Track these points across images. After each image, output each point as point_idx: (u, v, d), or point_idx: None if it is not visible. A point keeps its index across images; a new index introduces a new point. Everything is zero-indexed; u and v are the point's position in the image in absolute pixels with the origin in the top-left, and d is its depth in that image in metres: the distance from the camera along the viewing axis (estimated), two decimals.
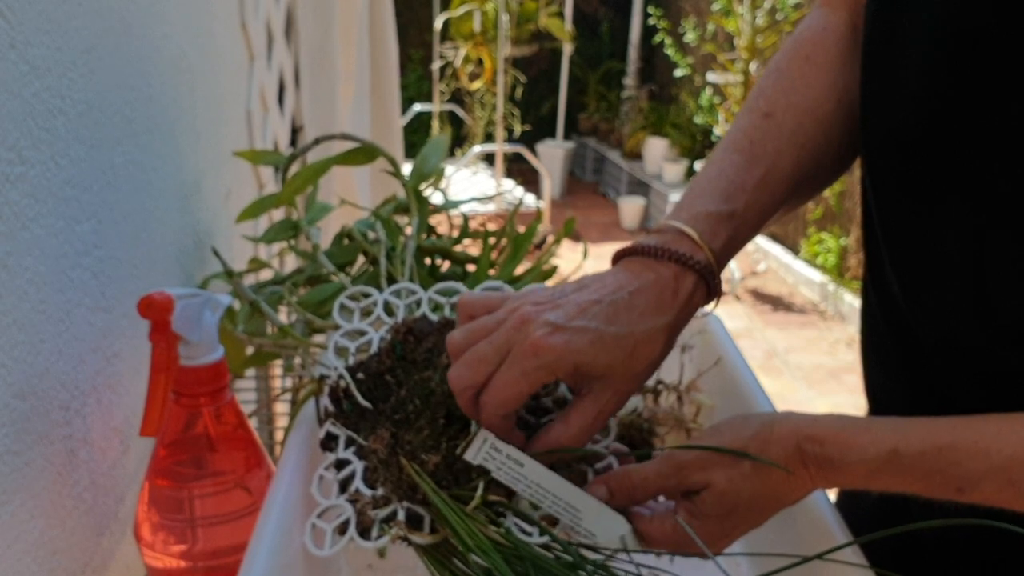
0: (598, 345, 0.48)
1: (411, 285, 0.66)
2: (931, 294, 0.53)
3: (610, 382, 0.50)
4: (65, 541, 0.59)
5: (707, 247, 0.52)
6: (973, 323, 0.50)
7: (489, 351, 0.49)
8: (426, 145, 0.87)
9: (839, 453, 0.47)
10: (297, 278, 0.78)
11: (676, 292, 0.51)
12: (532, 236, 0.81)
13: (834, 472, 0.48)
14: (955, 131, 0.49)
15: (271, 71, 1.35)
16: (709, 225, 0.53)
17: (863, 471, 0.47)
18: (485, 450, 0.50)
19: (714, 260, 0.52)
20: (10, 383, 0.51)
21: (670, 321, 0.51)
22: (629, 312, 0.49)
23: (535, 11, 4.88)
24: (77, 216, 0.60)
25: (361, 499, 0.53)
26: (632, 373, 0.50)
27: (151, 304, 0.57)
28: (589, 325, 0.48)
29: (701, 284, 0.52)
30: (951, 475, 0.45)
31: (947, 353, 0.54)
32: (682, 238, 0.52)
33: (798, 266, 4.07)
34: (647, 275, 0.51)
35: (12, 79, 0.51)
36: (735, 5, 3.95)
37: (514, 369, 0.48)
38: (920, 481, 0.46)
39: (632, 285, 0.50)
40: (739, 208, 0.54)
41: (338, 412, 0.59)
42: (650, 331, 0.50)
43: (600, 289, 0.50)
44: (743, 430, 0.49)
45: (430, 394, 0.57)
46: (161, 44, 0.80)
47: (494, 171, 4.56)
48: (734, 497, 0.49)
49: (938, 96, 0.50)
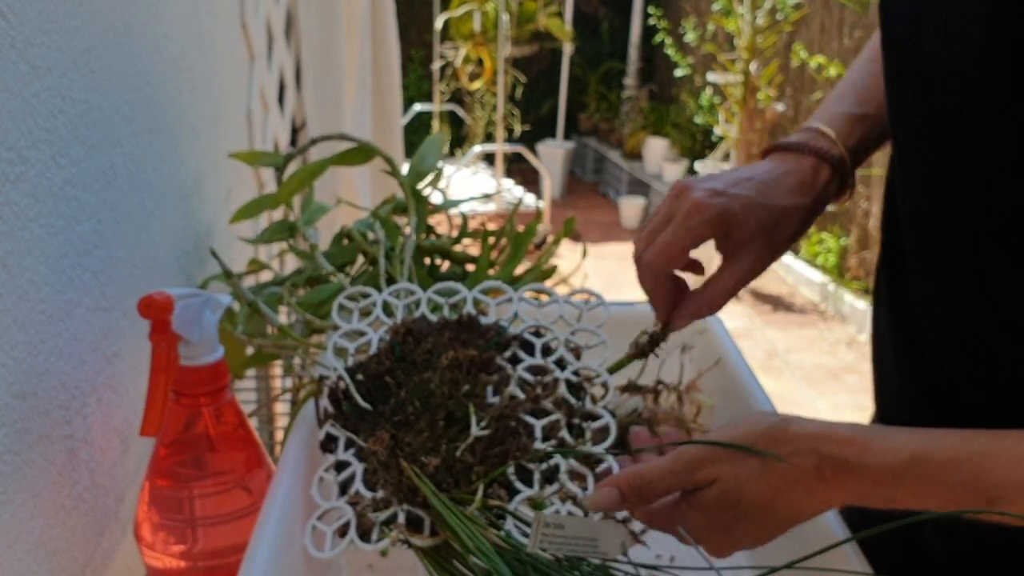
0: (749, 209, 0.56)
1: (410, 286, 0.66)
2: (952, 302, 0.53)
3: (753, 248, 0.57)
4: (65, 541, 0.59)
5: (842, 144, 0.60)
6: (993, 334, 0.50)
7: (655, 222, 0.58)
8: (423, 144, 0.87)
9: (857, 455, 0.46)
10: (296, 279, 0.78)
11: (815, 180, 0.59)
12: (532, 236, 0.81)
13: (852, 476, 0.46)
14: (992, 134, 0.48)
15: (271, 71, 1.35)
16: (845, 125, 0.61)
17: (883, 476, 0.45)
18: (541, 532, 0.49)
19: (848, 156, 0.60)
20: (10, 383, 0.51)
21: (808, 203, 0.59)
22: (776, 188, 0.58)
23: (535, 11, 4.88)
24: (77, 216, 0.60)
25: (361, 501, 0.53)
26: (774, 242, 0.57)
27: (151, 304, 0.57)
28: (743, 192, 0.56)
29: (835, 176, 0.60)
30: (982, 484, 0.44)
31: (962, 362, 0.53)
32: (821, 136, 0.60)
33: (798, 266, 4.07)
34: (791, 164, 0.59)
35: (12, 79, 0.51)
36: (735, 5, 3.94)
37: (678, 226, 0.56)
38: (944, 490, 0.45)
39: (780, 170, 0.59)
40: (871, 111, 0.61)
41: (338, 413, 0.59)
42: (792, 207, 0.58)
43: (752, 170, 0.59)
44: (756, 426, 0.49)
45: (430, 396, 0.57)
46: (161, 44, 0.80)
47: (494, 171, 4.56)
48: (737, 493, 0.49)
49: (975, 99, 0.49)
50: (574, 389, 0.58)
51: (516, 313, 0.63)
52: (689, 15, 5.05)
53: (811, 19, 4.09)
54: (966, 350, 0.53)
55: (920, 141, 0.53)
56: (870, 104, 0.61)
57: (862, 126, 0.61)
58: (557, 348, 0.60)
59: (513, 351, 0.60)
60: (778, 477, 0.48)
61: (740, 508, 0.49)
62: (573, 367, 0.59)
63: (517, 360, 0.60)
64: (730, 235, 0.57)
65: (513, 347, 0.60)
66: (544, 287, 0.64)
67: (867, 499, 0.47)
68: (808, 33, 4.13)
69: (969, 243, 0.50)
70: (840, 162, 0.60)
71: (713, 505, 0.49)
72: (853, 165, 0.61)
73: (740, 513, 0.49)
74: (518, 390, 0.57)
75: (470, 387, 0.57)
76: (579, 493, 0.53)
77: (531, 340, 0.61)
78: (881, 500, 0.46)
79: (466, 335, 0.61)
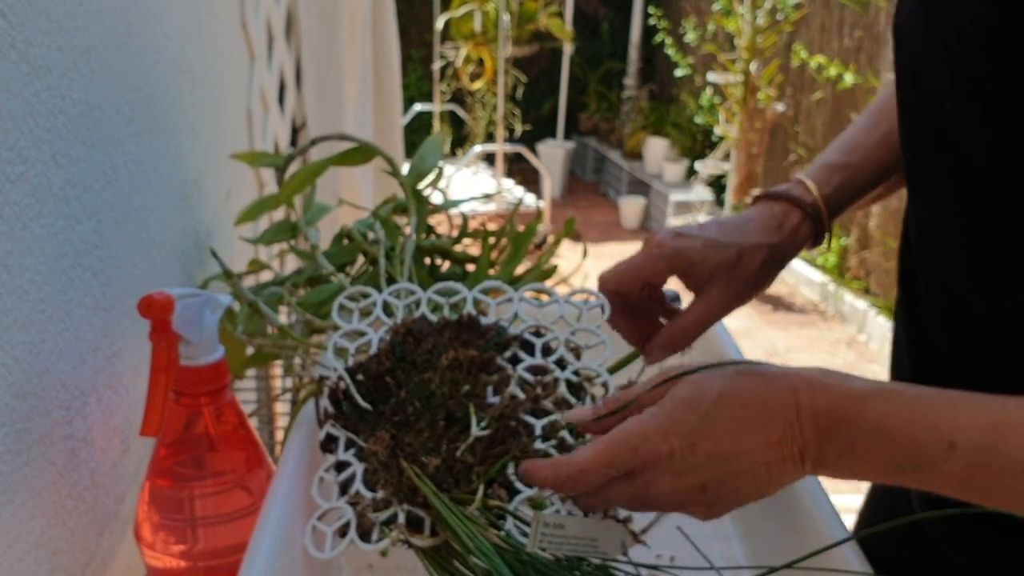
0: (708, 247, 0.60)
1: (410, 285, 0.66)
2: (965, 317, 0.53)
3: (716, 285, 0.60)
4: (66, 541, 0.59)
5: (818, 191, 0.64)
6: (1007, 349, 0.50)
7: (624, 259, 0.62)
8: (424, 143, 0.87)
9: (840, 380, 0.46)
10: (297, 279, 0.78)
11: (783, 223, 0.63)
12: (532, 235, 0.81)
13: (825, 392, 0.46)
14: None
15: (271, 71, 1.35)
16: (824, 173, 0.65)
17: (849, 401, 0.45)
18: (541, 531, 0.49)
19: (823, 202, 0.64)
20: (10, 383, 0.51)
21: (773, 242, 0.62)
22: (740, 229, 0.62)
23: (535, 11, 4.88)
24: (78, 216, 0.60)
25: (361, 501, 0.53)
26: (736, 279, 0.61)
27: (152, 304, 0.57)
28: (705, 234, 0.61)
29: (807, 220, 0.63)
30: (944, 425, 0.43)
31: (977, 378, 0.53)
32: (799, 185, 0.64)
33: (798, 266, 4.07)
34: (763, 209, 0.64)
35: (13, 79, 0.51)
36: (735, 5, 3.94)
37: (635, 256, 0.60)
38: (905, 426, 0.44)
39: (750, 214, 0.64)
40: (855, 160, 0.65)
41: (338, 413, 0.58)
42: (754, 245, 0.61)
43: (726, 216, 0.64)
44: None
45: (430, 396, 0.57)
46: (161, 44, 0.80)
47: (494, 171, 4.56)
48: (700, 389, 0.48)
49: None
50: (574, 389, 0.58)
51: (516, 313, 0.63)
52: (689, 15, 5.05)
53: (811, 19, 4.09)
54: (979, 368, 0.53)
55: (932, 167, 0.53)
56: (855, 154, 0.65)
57: (842, 174, 0.65)
58: (557, 348, 0.60)
59: (513, 351, 0.60)
60: (750, 380, 0.48)
61: (705, 408, 0.47)
62: (573, 367, 0.59)
63: (517, 360, 0.60)
64: (691, 272, 0.60)
65: (513, 347, 0.60)
66: (544, 287, 0.64)
67: (835, 435, 0.45)
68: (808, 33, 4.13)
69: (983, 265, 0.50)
70: (813, 207, 0.63)
71: (669, 404, 0.48)
72: (831, 211, 0.64)
73: (704, 418, 0.47)
74: (518, 390, 0.57)
75: (470, 387, 0.57)
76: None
77: (531, 340, 0.61)
78: (845, 440, 0.45)
79: (466, 335, 0.61)
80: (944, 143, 0.51)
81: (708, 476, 0.47)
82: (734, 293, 0.61)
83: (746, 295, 0.62)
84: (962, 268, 0.52)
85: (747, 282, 0.61)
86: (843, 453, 0.45)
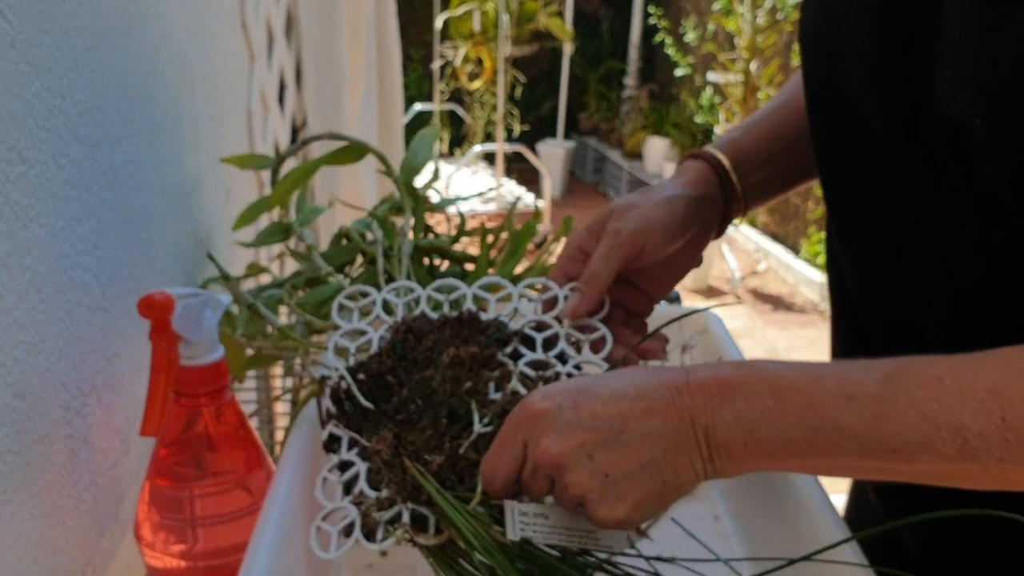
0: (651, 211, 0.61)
1: (409, 283, 0.66)
2: (874, 277, 0.56)
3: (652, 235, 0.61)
4: (66, 541, 0.59)
5: (715, 148, 0.67)
6: (911, 305, 0.53)
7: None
8: (415, 138, 0.87)
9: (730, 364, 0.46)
10: (296, 280, 0.78)
11: (682, 168, 0.67)
12: (530, 234, 0.81)
13: (723, 367, 0.46)
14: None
15: (271, 71, 1.35)
16: (722, 138, 0.68)
17: (762, 363, 0.45)
18: (518, 520, 0.49)
19: (718, 151, 0.66)
20: (10, 383, 0.51)
21: (697, 194, 0.64)
22: (667, 186, 0.64)
23: (535, 11, 4.88)
24: (78, 216, 0.60)
25: (365, 501, 0.53)
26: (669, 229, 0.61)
27: (151, 304, 0.57)
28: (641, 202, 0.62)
29: (703, 162, 0.66)
30: (845, 388, 0.43)
31: (889, 332, 0.56)
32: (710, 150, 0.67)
33: (799, 266, 4.07)
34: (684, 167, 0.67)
35: (13, 79, 0.51)
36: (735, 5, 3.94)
37: (602, 258, 0.60)
38: (805, 389, 0.43)
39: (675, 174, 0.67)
40: (754, 121, 0.69)
41: (340, 413, 0.58)
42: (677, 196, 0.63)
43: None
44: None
45: (432, 394, 0.57)
46: (161, 44, 0.80)
47: (494, 170, 4.56)
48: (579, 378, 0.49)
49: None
50: None
51: (517, 308, 0.63)
52: (689, 15, 5.05)
53: None
54: (890, 323, 0.56)
55: (840, 163, 0.56)
56: (753, 120, 0.70)
57: (737, 132, 0.69)
58: (558, 342, 0.60)
59: (514, 346, 0.60)
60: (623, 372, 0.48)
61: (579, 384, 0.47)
62: (575, 361, 0.59)
63: (518, 355, 0.60)
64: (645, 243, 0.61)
65: (514, 342, 0.60)
66: (543, 279, 0.64)
67: (728, 400, 0.45)
68: None
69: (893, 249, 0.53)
70: (706, 153, 0.67)
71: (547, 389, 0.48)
72: (725, 158, 0.67)
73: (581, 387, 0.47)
74: (520, 386, 0.57)
75: (472, 384, 0.57)
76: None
77: (532, 335, 0.61)
78: (741, 403, 0.44)
79: (467, 332, 0.61)
80: (851, 138, 0.53)
81: (593, 437, 0.45)
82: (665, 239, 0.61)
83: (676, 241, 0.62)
84: (878, 257, 0.55)
85: (676, 228, 0.62)
86: (738, 418, 0.44)
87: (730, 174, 0.66)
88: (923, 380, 0.42)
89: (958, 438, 0.40)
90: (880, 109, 0.50)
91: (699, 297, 3.91)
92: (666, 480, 0.46)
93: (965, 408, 0.40)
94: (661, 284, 0.65)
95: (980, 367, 0.41)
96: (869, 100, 0.51)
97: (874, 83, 0.50)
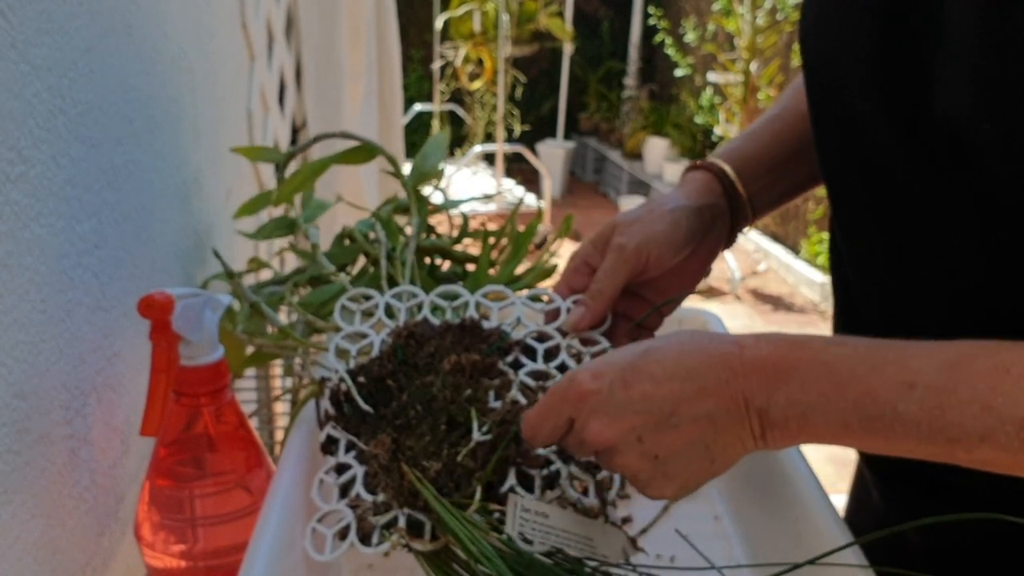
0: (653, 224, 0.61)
1: (413, 288, 0.66)
2: (874, 276, 0.56)
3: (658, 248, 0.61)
4: (66, 541, 0.59)
5: (718, 158, 0.67)
6: (911, 305, 0.53)
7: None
8: (426, 143, 0.87)
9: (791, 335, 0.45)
10: (298, 278, 0.77)
11: (686, 179, 0.67)
12: (532, 235, 0.81)
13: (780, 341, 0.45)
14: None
15: (271, 71, 1.35)
16: (725, 147, 0.68)
17: (819, 342, 0.44)
18: (519, 516, 0.49)
19: (722, 160, 0.66)
20: (11, 383, 0.51)
21: (702, 204, 0.64)
22: (671, 198, 0.64)
23: (535, 11, 4.88)
24: (78, 216, 0.60)
25: (362, 505, 0.53)
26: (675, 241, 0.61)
27: (152, 304, 0.57)
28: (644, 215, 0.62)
29: (706, 173, 0.66)
30: (904, 371, 0.42)
31: (890, 332, 0.56)
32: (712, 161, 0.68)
33: (799, 266, 4.07)
34: (688, 178, 0.67)
35: (13, 79, 0.51)
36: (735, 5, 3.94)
37: (609, 273, 0.60)
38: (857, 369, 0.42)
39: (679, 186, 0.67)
40: (757, 129, 0.69)
41: (339, 415, 0.58)
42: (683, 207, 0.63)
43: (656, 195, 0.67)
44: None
45: (431, 400, 0.57)
46: (162, 44, 0.80)
47: (494, 171, 4.56)
48: (642, 340, 0.48)
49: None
50: None
51: (519, 318, 0.63)
52: (689, 15, 5.05)
53: None
54: (891, 321, 0.55)
55: (843, 168, 0.56)
56: (754, 129, 0.70)
57: (738, 142, 0.68)
58: (559, 354, 0.60)
59: (515, 356, 0.60)
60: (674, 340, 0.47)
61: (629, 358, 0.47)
62: None
63: (519, 365, 0.60)
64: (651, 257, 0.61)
65: (515, 352, 0.60)
66: (547, 290, 0.64)
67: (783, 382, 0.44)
68: None
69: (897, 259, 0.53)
70: (711, 164, 0.66)
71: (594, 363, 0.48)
72: (729, 168, 0.66)
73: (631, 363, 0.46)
74: (520, 395, 0.57)
75: (472, 392, 0.57)
76: (579, 498, 0.53)
77: (534, 345, 0.61)
78: (796, 385, 0.43)
79: (468, 339, 0.61)
80: (852, 139, 0.53)
81: (643, 421, 0.45)
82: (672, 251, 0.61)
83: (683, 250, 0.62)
84: (880, 261, 0.55)
85: (681, 241, 0.61)
86: (793, 402, 0.43)
87: (735, 183, 0.66)
88: (987, 370, 0.41)
89: (1023, 431, 0.39)
90: (880, 110, 0.50)
91: (699, 297, 3.91)
92: (715, 459, 0.45)
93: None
94: (669, 296, 0.65)
95: None
96: (869, 101, 0.51)
97: (874, 84, 0.50)
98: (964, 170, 0.45)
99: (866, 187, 0.54)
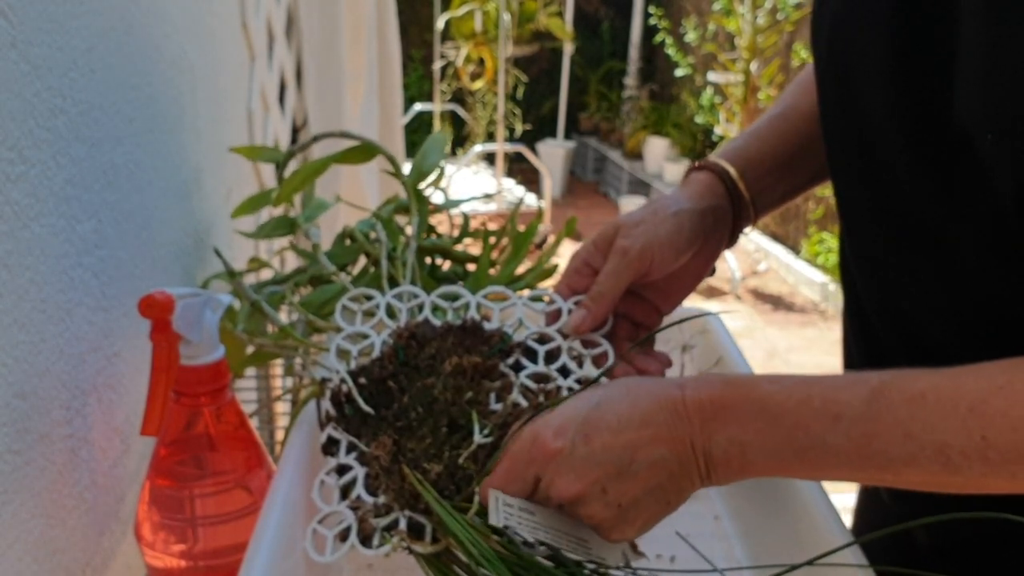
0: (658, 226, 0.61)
1: (414, 288, 0.66)
2: (880, 281, 0.56)
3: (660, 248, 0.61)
4: (66, 540, 0.59)
5: (720, 158, 0.66)
6: (917, 310, 0.53)
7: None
8: (426, 142, 0.87)
9: (727, 375, 0.47)
10: (299, 278, 0.77)
11: (688, 180, 0.66)
12: (532, 235, 0.81)
13: (717, 383, 0.47)
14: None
15: (272, 70, 1.35)
16: (727, 147, 0.68)
17: (754, 381, 0.46)
18: (502, 509, 0.49)
19: (724, 161, 0.66)
20: (11, 382, 0.51)
21: (704, 206, 0.64)
22: (674, 200, 0.63)
23: (536, 11, 4.88)
24: (78, 215, 0.60)
25: (362, 506, 0.53)
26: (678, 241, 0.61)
27: (152, 303, 0.57)
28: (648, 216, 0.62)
29: (709, 173, 0.66)
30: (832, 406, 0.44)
31: (897, 334, 0.56)
32: (714, 161, 0.67)
33: (799, 266, 4.07)
34: (691, 179, 0.67)
35: (13, 79, 0.51)
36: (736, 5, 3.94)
37: (611, 275, 0.60)
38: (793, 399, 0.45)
39: (681, 187, 0.67)
40: (759, 128, 0.69)
41: (340, 416, 0.58)
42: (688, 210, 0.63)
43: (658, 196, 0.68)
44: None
45: (433, 402, 0.57)
46: (162, 44, 0.80)
47: (495, 170, 4.56)
48: (590, 390, 0.50)
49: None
50: None
51: (521, 320, 0.63)
52: (690, 15, 5.05)
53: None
54: (903, 338, 0.56)
55: (852, 170, 0.56)
56: (757, 128, 0.70)
57: (741, 141, 0.68)
58: (560, 356, 0.60)
59: (516, 358, 0.60)
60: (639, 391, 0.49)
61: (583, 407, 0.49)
62: (576, 375, 0.59)
63: (520, 367, 0.60)
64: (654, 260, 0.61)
65: (516, 354, 0.60)
66: (548, 291, 0.64)
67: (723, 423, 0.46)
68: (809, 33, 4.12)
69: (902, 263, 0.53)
70: (714, 165, 0.66)
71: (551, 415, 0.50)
72: (732, 169, 0.66)
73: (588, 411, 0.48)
74: (521, 397, 0.57)
75: (473, 394, 0.57)
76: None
77: (534, 347, 0.60)
78: (734, 426, 0.46)
79: (470, 341, 0.61)
80: (863, 144, 0.53)
81: (606, 472, 0.47)
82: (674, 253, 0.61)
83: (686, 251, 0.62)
84: (884, 261, 0.55)
85: (683, 243, 0.62)
86: (732, 440, 0.46)
87: (737, 183, 0.66)
88: (906, 398, 0.43)
89: (941, 456, 0.41)
90: (891, 117, 0.50)
91: (699, 297, 3.91)
92: (670, 500, 0.48)
93: (947, 427, 0.41)
94: (671, 296, 0.65)
95: (962, 383, 0.42)
96: (880, 108, 0.50)
97: (887, 91, 0.50)
98: (973, 179, 0.45)
99: (873, 193, 0.54)
